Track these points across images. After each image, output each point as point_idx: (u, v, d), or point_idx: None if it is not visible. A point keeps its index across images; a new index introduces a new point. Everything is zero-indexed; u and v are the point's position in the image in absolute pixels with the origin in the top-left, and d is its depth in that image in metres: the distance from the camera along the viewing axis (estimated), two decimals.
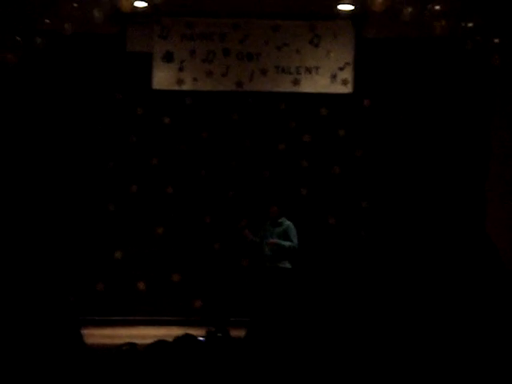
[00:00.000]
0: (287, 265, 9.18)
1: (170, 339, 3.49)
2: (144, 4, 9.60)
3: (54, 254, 10.31)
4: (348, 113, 11.05)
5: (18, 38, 8.80)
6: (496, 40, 8.83)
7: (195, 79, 10.90)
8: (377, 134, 10.97)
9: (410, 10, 8.71)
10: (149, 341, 3.63)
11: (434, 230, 10.36)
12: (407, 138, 10.87)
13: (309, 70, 10.88)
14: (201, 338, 3.43)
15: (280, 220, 9.35)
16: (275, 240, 9.15)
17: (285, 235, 9.24)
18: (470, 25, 8.73)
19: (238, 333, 4.77)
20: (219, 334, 3.70)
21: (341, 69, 10.87)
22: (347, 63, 10.87)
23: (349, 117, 11.05)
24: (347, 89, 10.90)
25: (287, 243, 9.15)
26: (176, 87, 10.91)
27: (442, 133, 10.75)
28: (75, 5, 8.78)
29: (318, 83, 10.90)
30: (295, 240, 9.22)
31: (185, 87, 10.92)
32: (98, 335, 8.64)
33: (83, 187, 10.74)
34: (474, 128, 10.74)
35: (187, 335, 3.24)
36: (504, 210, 10.31)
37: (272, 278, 9.14)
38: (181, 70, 10.90)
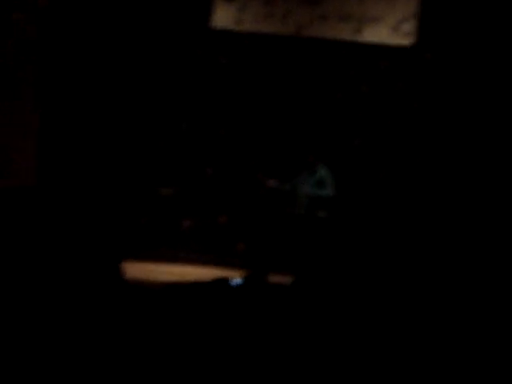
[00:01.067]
0: (322, 214, 8.99)
1: (208, 279, 3.48)
2: None
3: (102, 189, 10.41)
4: (409, 66, 10.80)
5: None
6: None
7: (255, 20, 10.76)
8: (436, 90, 10.72)
9: None
10: (188, 279, 3.63)
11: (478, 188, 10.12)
12: (467, 95, 10.59)
13: (371, 20, 10.64)
14: (235, 282, 3.41)
15: (316, 168, 9.10)
16: (311, 190, 8.93)
17: (321, 184, 9.00)
18: None
19: (277, 279, 4.75)
20: (257, 279, 3.68)
21: (404, 20, 10.61)
22: (411, 15, 10.60)
23: (409, 70, 10.80)
24: (409, 41, 10.65)
25: (324, 192, 8.94)
26: (235, 27, 10.80)
27: (506, 94, 10.42)
28: None
29: (380, 33, 10.67)
30: (331, 189, 8.99)
31: (244, 28, 10.80)
32: (139, 269, 8.71)
33: (137, 125, 10.78)
34: None
35: (220, 279, 3.23)
36: None
37: (307, 228, 8.97)
38: (241, 9, 10.78)
